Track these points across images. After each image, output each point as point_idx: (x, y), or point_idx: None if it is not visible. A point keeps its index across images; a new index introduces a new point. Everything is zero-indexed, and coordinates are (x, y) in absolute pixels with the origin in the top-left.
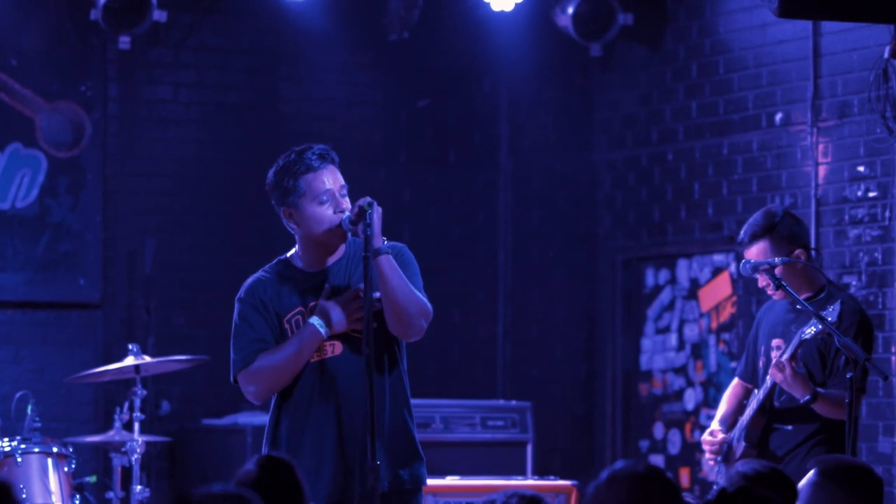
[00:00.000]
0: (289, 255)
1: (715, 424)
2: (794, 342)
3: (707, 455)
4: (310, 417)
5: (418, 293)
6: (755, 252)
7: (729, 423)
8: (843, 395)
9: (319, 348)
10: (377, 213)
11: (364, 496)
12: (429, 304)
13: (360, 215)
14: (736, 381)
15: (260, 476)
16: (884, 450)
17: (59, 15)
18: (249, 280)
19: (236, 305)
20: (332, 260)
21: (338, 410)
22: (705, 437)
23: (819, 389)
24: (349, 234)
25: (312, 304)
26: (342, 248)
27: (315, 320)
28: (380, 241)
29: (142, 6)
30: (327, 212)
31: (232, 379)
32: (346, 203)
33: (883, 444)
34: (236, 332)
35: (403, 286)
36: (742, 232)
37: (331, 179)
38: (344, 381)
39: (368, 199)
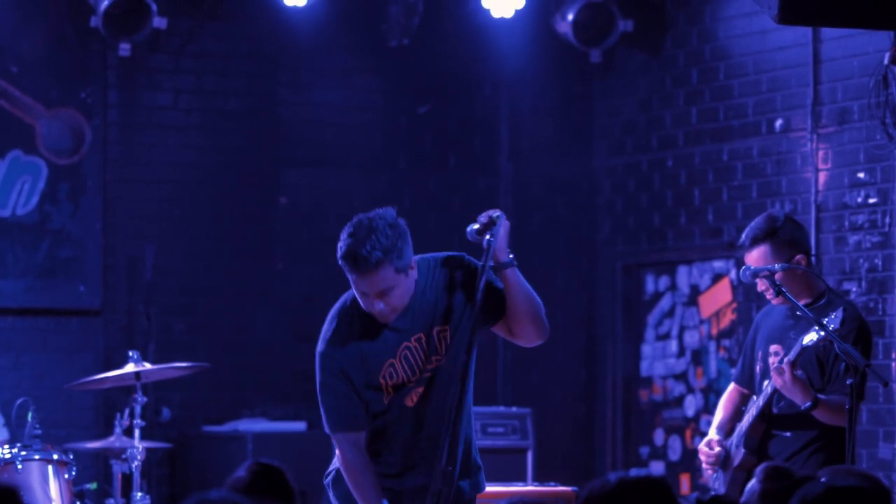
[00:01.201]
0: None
1: (712, 433)
2: (796, 349)
3: (704, 464)
4: (392, 445)
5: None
6: (756, 256)
7: (726, 429)
8: (843, 401)
9: (410, 396)
10: (504, 227)
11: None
12: None
13: (488, 226)
14: (732, 386)
15: (252, 482)
16: (884, 456)
17: (59, 22)
18: (326, 339)
19: (318, 362)
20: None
21: (415, 440)
22: (702, 447)
23: (820, 396)
24: (412, 271)
25: (404, 345)
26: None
27: None
28: (505, 255)
29: (142, 13)
30: (363, 303)
31: (329, 430)
32: (384, 303)
33: (883, 450)
34: (327, 388)
35: (531, 295)
36: (743, 235)
37: (370, 283)
38: (425, 420)
39: (499, 211)
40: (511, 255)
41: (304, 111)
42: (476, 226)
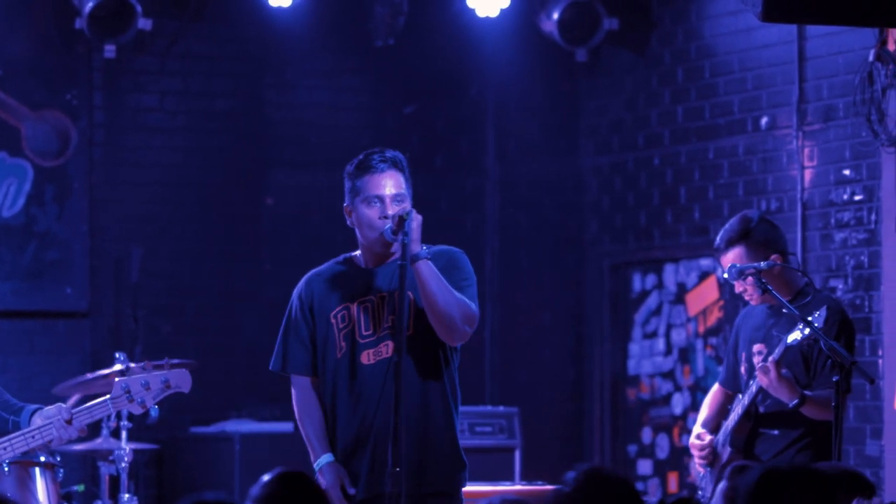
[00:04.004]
0: (355, 252)
1: (698, 428)
2: (781, 347)
3: (696, 459)
4: (353, 413)
5: (460, 296)
6: (731, 258)
7: (711, 426)
8: (830, 395)
9: (376, 350)
10: (416, 221)
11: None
12: (474, 308)
13: (400, 224)
14: (716, 387)
15: (279, 491)
16: (871, 453)
17: (44, 24)
18: (308, 274)
19: (293, 296)
20: (388, 260)
21: (376, 410)
22: (693, 440)
23: (806, 392)
24: (396, 243)
25: (360, 300)
26: (397, 251)
27: (324, 460)
28: (418, 248)
29: (127, 14)
30: (373, 215)
31: (271, 366)
32: (395, 209)
33: (870, 447)
34: (286, 327)
35: (443, 290)
36: (718, 238)
37: (389, 184)
38: (389, 382)
39: (407, 207)
40: (424, 248)
41: (290, 112)
42: (391, 226)
